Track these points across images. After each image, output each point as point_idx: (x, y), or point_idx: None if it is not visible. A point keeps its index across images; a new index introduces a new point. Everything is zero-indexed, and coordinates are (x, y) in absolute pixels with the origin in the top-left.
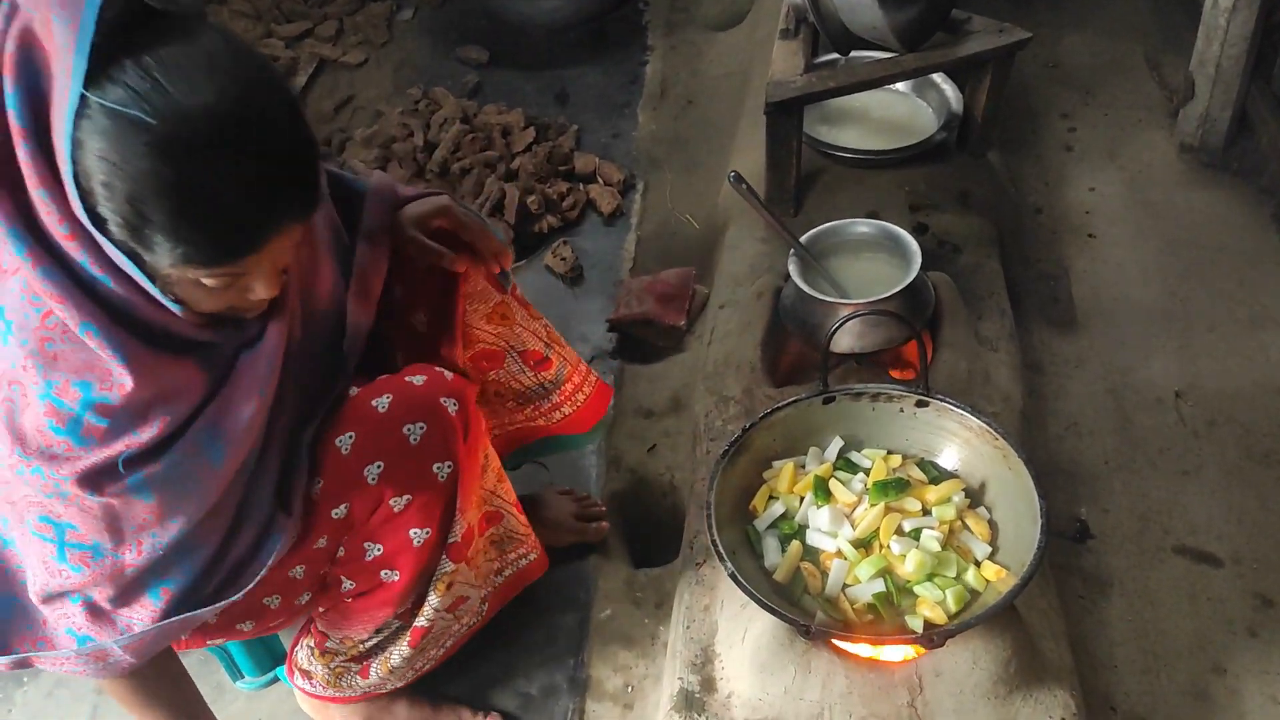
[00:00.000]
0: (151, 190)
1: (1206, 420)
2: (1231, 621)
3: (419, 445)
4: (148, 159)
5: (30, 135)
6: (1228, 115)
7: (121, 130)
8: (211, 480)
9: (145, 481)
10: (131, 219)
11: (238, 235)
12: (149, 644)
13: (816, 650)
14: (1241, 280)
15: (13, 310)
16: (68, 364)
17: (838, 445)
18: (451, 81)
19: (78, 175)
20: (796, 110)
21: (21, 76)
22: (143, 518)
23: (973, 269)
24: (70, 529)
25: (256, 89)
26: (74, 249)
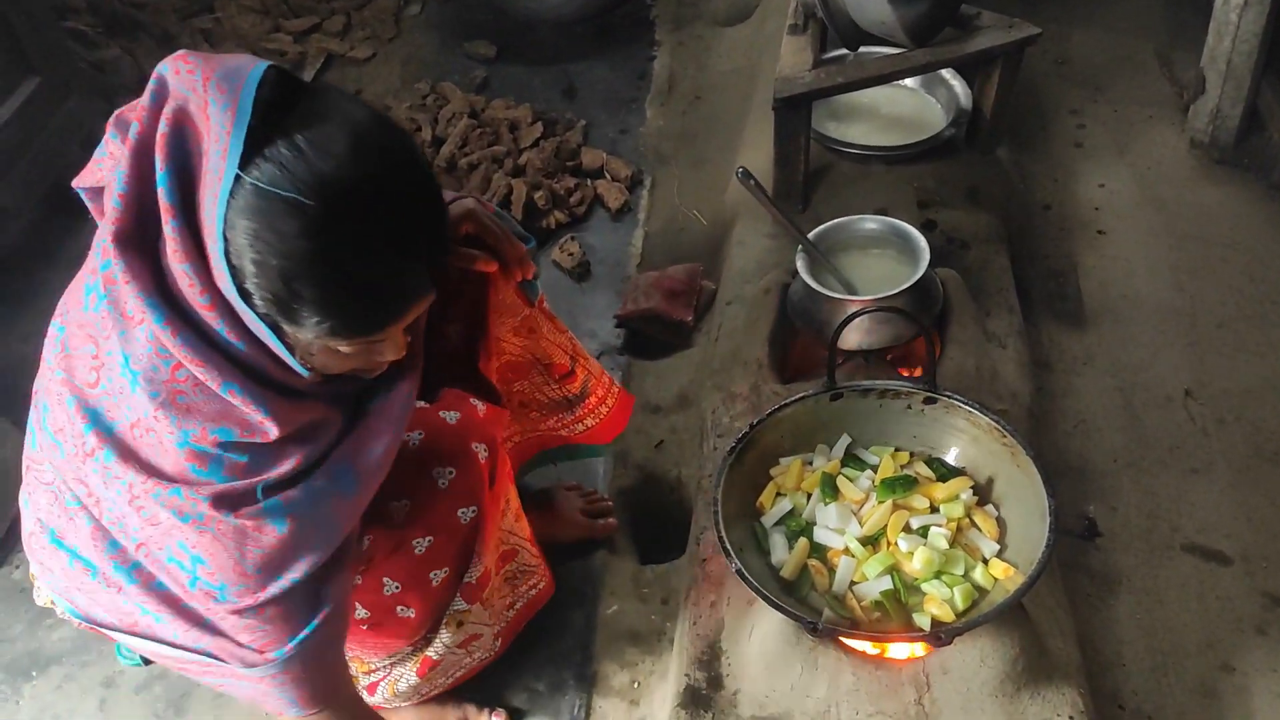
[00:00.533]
0: (305, 269)
1: (1216, 418)
2: (1240, 620)
3: (447, 490)
4: (303, 239)
5: (178, 212)
6: (1239, 111)
7: (276, 210)
8: (343, 512)
9: (281, 506)
10: (282, 295)
11: (384, 309)
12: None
13: (823, 647)
14: (1252, 277)
15: (138, 360)
16: (202, 414)
17: (845, 442)
18: (459, 76)
19: (228, 252)
20: (805, 106)
21: (173, 156)
22: (271, 549)
23: (981, 265)
24: (200, 564)
25: (401, 163)
26: (212, 318)
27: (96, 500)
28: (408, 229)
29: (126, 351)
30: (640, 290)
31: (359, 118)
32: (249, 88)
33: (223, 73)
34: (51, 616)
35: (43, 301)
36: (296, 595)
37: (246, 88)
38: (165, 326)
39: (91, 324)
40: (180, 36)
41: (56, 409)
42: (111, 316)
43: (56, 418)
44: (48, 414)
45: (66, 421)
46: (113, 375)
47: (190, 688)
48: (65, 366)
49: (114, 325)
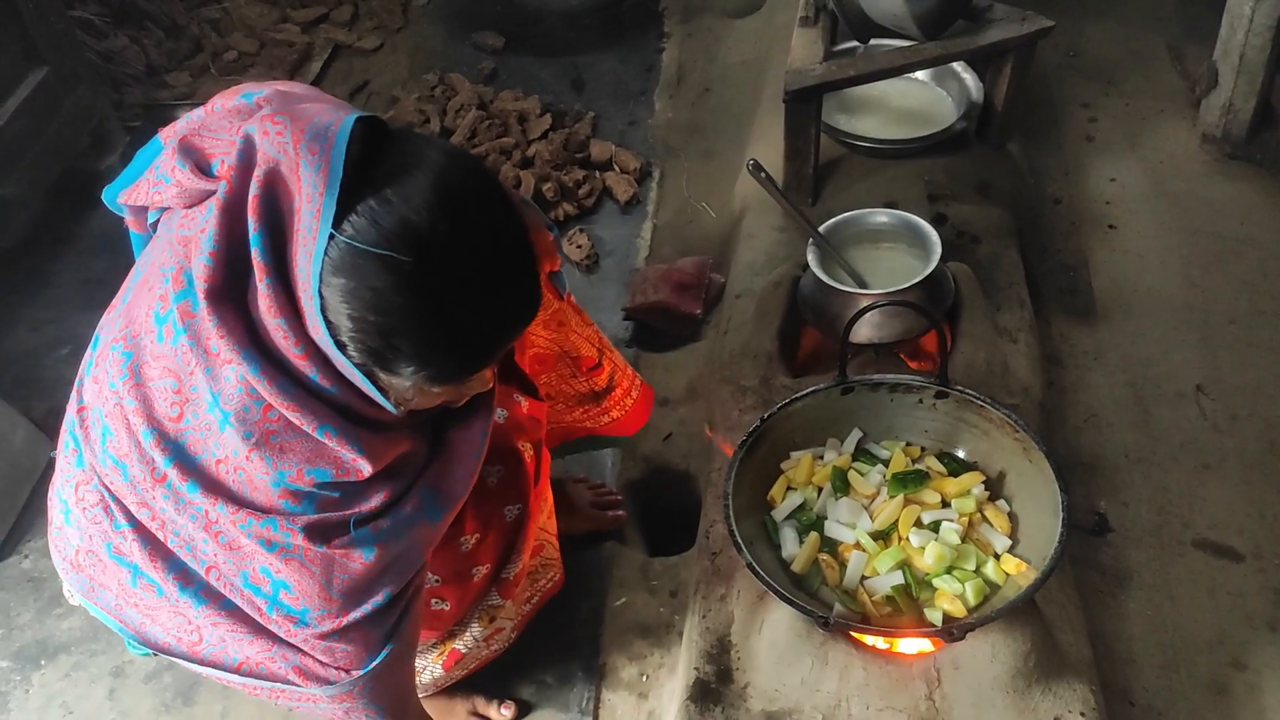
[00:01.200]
0: (402, 324)
1: (1228, 414)
2: (1252, 616)
3: (495, 487)
4: (398, 295)
5: (273, 271)
6: (1251, 105)
7: (370, 268)
8: (426, 538)
9: (371, 535)
10: (380, 349)
11: (479, 354)
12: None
13: (834, 642)
14: (1265, 272)
15: (229, 400)
16: (297, 454)
17: (856, 436)
18: (467, 67)
19: (324, 309)
20: (816, 99)
21: (265, 217)
22: (358, 576)
23: (992, 259)
24: (284, 589)
25: (485, 207)
26: (306, 366)
27: (163, 524)
28: (498, 272)
29: (215, 390)
30: (649, 283)
31: (444, 165)
32: (339, 148)
33: (312, 133)
34: (61, 605)
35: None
36: (378, 618)
37: (337, 148)
38: (261, 376)
39: (169, 357)
40: (188, 26)
41: (122, 434)
42: (195, 353)
43: (120, 443)
44: (110, 437)
45: (134, 448)
46: (199, 411)
47: (199, 678)
48: (140, 397)
49: (199, 362)
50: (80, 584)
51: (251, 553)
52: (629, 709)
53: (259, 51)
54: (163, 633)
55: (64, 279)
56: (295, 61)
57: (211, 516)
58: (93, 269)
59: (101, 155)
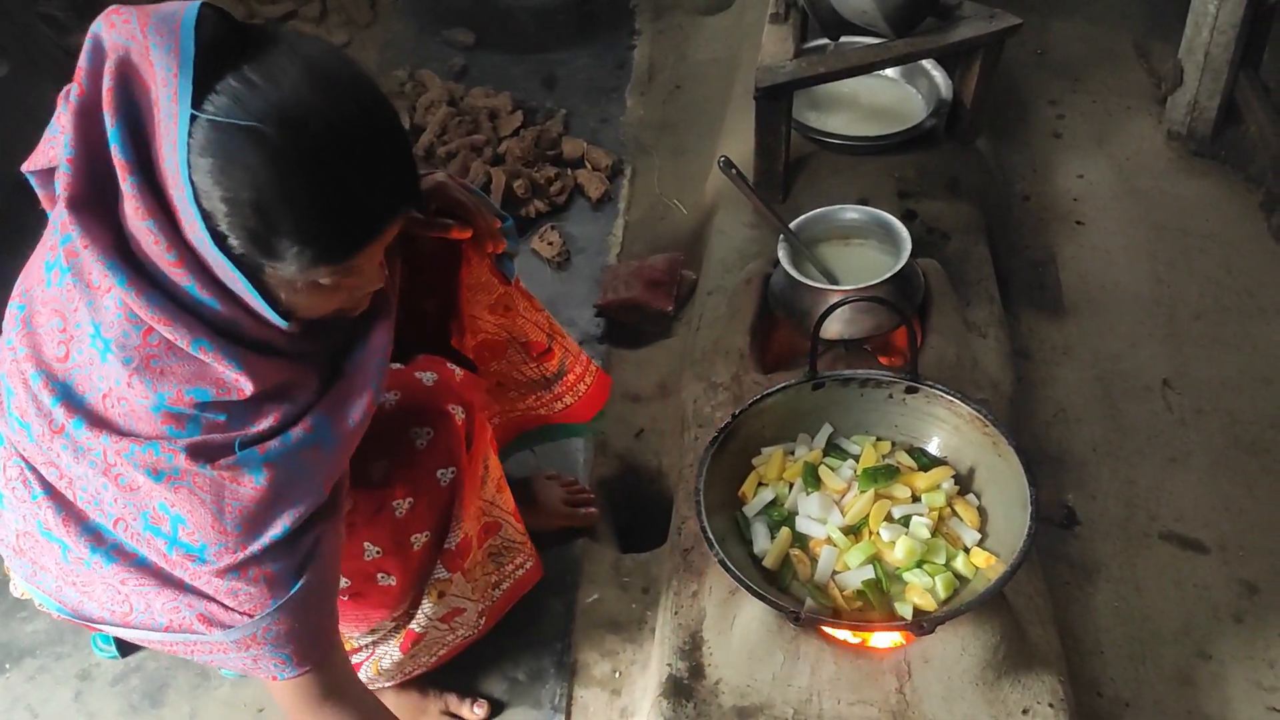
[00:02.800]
0: (276, 197)
1: (1194, 408)
2: (1217, 607)
3: (425, 450)
4: (269, 167)
5: (136, 168)
6: (1216, 103)
7: (237, 143)
8: (321, 466)
9: (258, 457)
10: (258, 229)
11: (361, 226)
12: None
13: (805, 637)
14: (1229, 268)
15: (109, 328)
16: (177, 375)
17: (827, 432)
18: (437, 64)
19: (197, 197)
20: (786, 96)
21: (122, 110)
22: (249, 502)
23: (961, 256)
24: (181, 524)
25: (349, 80)
26: (181, 275)
27: (70, 482)
28: (370, 143)
29: (96, 321)
30: (620, 280)
31: (305, 48)
32: (187, 26)
33: (159, 17)
34: (25, 609)
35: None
36: (279, 553)
37: (185, 27)
38: (129, 288)
39: (56, 299)
40: None
41: (20, 389)
42: (78, 289)
43: (20, 399)
44: (11, 397)
45: (31, 401)
46: (83, 347)
47: (167, 680)
48: (30, 343)
49: (81, 297)
50: (24, 569)
51: (147, 490)
52: (601, 706)
53: None
54: (98, 608)
55: None
56: None
57: (108, 459)
58: None
59: None
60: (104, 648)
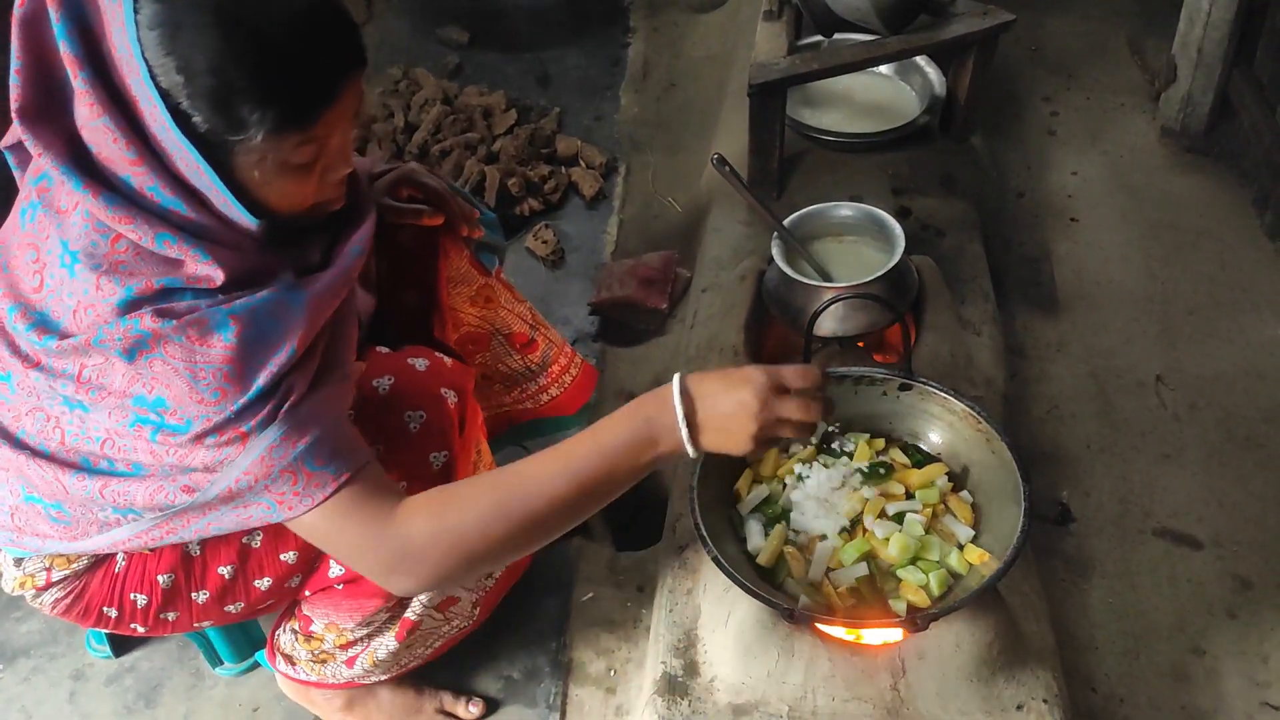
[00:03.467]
0: (230, 58)
1: (1187, 404)
2: (1211, 603)
3: (418, 433)
4: (218, 30)
5: (85, 62)
6: (1209, 99)
7: (183, 11)
8: (290, 322)
9: (224, 311)
10: (218, 95)
11: (317, 87)
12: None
13: (800, 634)
14: (1223, 264)
15: (77, 241)
16: (147, 273)
17: (821, 429)
18: (431, 62)
19: (153, 76)
20: (780, 93)
21: (66, 5)
22: (221, 362)
23: (955, 252)
24: (161, 406)
25: None
26: (142, 175)
27: (55, 423)
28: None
29: (64, 238)
30: (615, 278)
31: None
32: None
33: None
34: (19, 608)
35: None
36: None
37: None
38: (85, 190)
39: (30, 234)
40: None
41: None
42: (48, 217)
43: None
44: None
45: (6, 344)
46: (54, 270)
47: (161, 680)
48: (7, 284)
49: (50, 222)
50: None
51: (123, 386)
52: (596, 704)
53: None
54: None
55: None
56: None
57: (82, 376)
58: None
59: None
60: (98, 647)
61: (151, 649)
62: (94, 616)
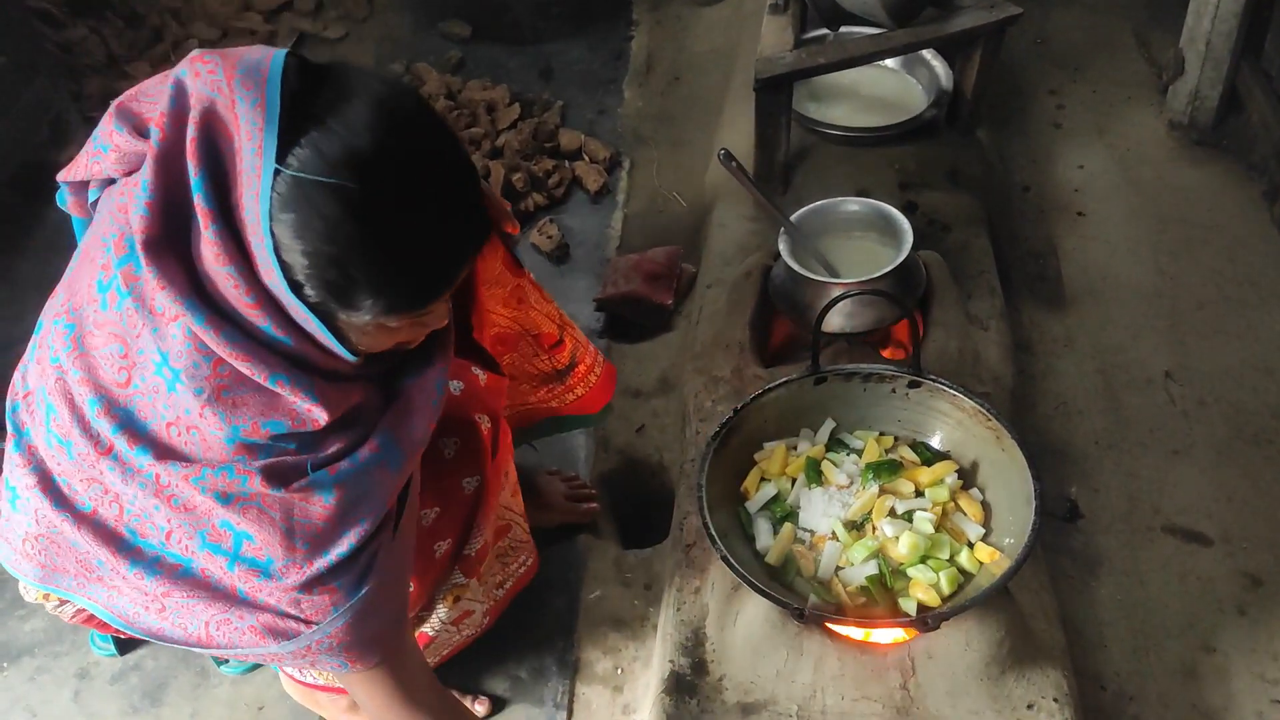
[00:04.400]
0: (356, 251)
1: (1196, 400)
2: (1221, 600)
3: (452, 460)
4: (349, 222)
5: (218, 216)
6: (1218, 92)
7: (319, 198)
8: (387, 484)
9: (329, 477)
10: (337, 282)
11: (436, 277)
12: (356, 628)
13: (809, 633)
14: (1231, 258)
15: (178, 359)
16: (250, 408)
17: (829, 426)
18: (434, 57)
19: (277, 249)
20: (786, 87)
21: (205, 160)
22: (318, 520)
23: (962, 247)
24: (247, 540)
25: (427, 130)
26: (258, 317)
27: (115, 497)
28: (447, 192)
29: (163, 349)
30: (620, 273)
31: (381, 92)
32: (274, 80)
33: (244, 69)
34: (23, 607)
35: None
36: (343, 569)
37: (271, 81)
38: (207, 326)
39: (114, 323)
40: (149, 16)
41: (63, 409)
42: (140, 314)
43: (63, 419)
44: (54, 415)
45: (77, 423)
46: (146, 375)
47: (167, 679)
48: (85, 366)
49: (144, 323)
50: (34, 573)
51: (208, 510)
52: (604, 703)
53: (221, 40)
54: (129, 604)
55: (22, 275)
56: None
57: (164, 481)
58: (52, 264)
59: (60, 147)
60: (102, 646)
61: (156, 648)
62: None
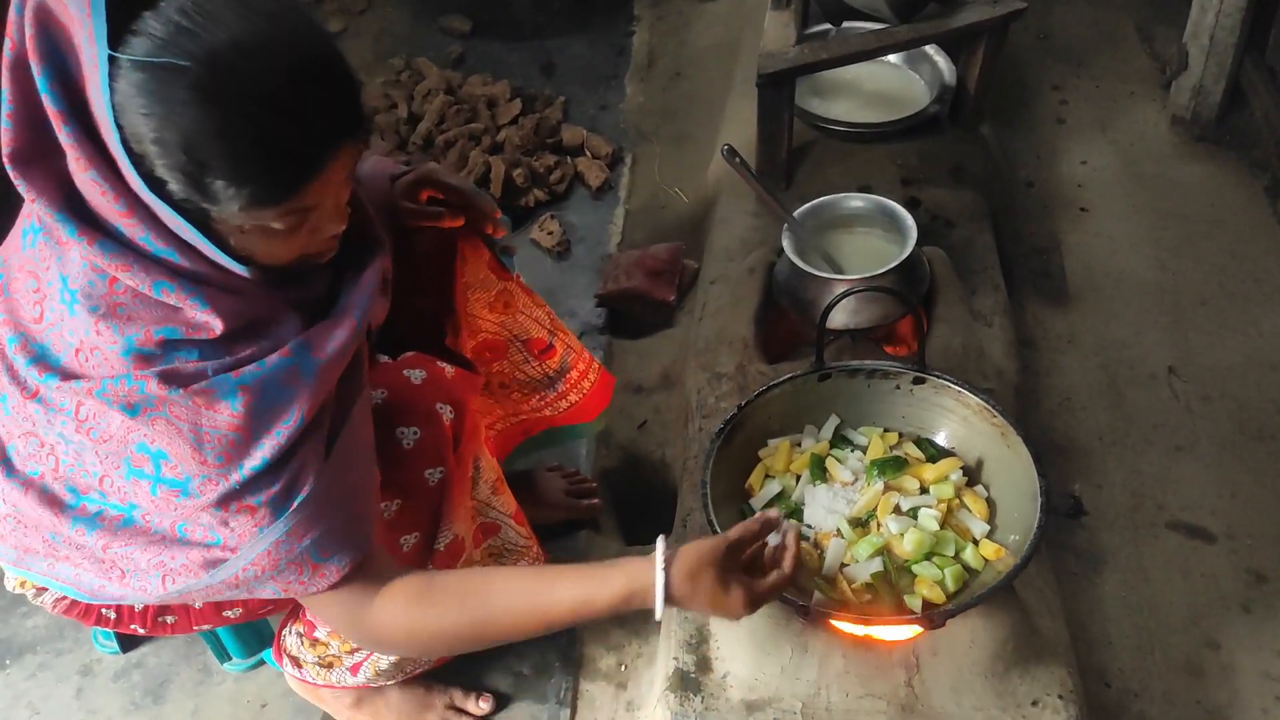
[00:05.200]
0: (204, 134)
1: (1200, 395)
2: (1225, 597)
3: (412, 450)
4: (193, 104)
5: (69, 116)
6: (1221, 87)
7: (159, 81)
8: (302, 394)
9: (232, 380)
10: (191, 170)
11: (297, 163)
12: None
13: (813, 630)
14: (1234, 254)
15: (75, 280)
16: (145, 318)
17: (834, 423)
18: (434, 52)
19: (126, 141)
20: (789, 82)
21: (46, 57)
22: (227, 430)
23: (965, 243)
24: (163, 459)
25: (281, 14)
26: (133, 226)
27: (50, 449)
28: (303, 76)
29: (64, 274)
30: (622, 269)
31: None
32: None
33: None
34: (24, 604)
35: None
36: (258, 485)
37: None
38: (80, 237)
39: (31, 259)
40: None
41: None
42: (49, 246)
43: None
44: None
45: (6, 370)
46: (54, 304)
47: (169, 675)
48: (8, 308)
49: (52, 254)
50: (9, 555)
51: (123, 434)
52: (607, 699)
53: None
54: (90, 576)
55: None
56: None
57: (80, 413)
58: None
59: None
60: (105, 643)
61: (159, 645)
62: (94, 616)
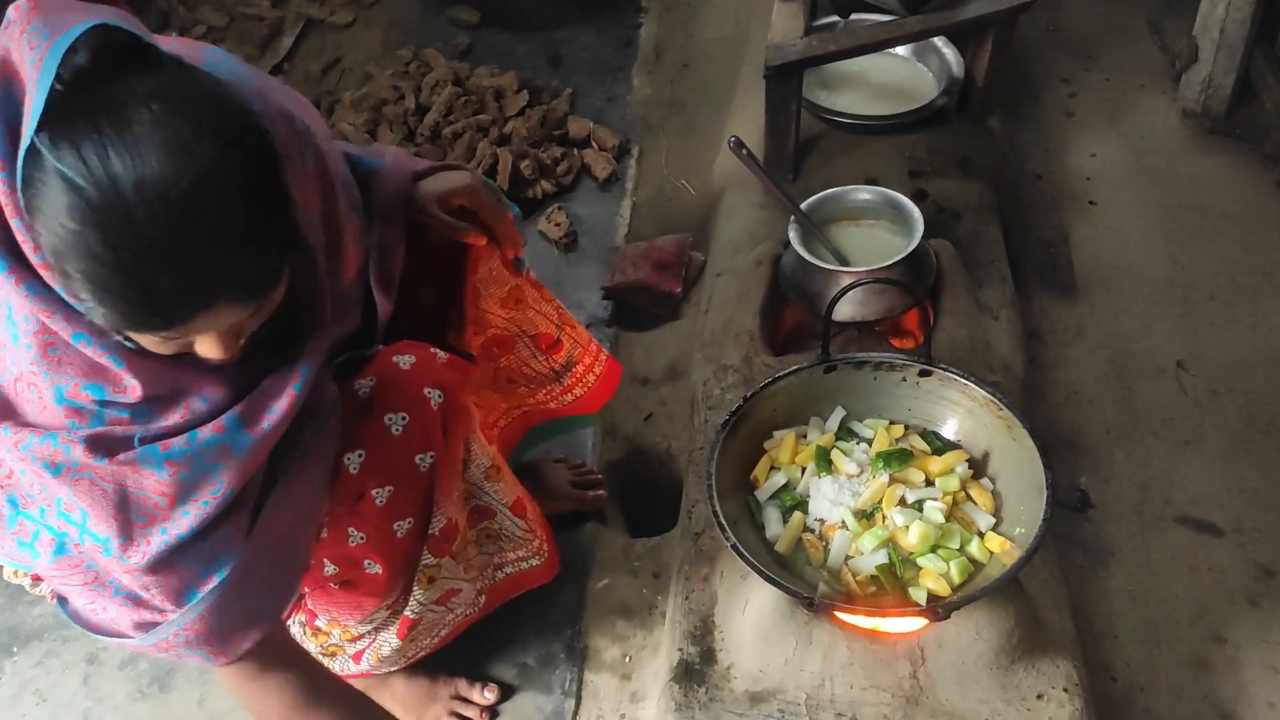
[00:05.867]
0: (72, 250)
1: (1208, 389)
2: (1232, 591)
3: (400, 436)
4: (73, 221)
5: (7, 165)
6: (1231, 80)
7: (56, 186)
8: (232, 469)
9: (159, 453)
10: (58, 269)
11: (157, 311)
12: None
13: (818, 622)
14: (1244, 248)
15: (18, 312)
16: (74, 367)
17: (839, 415)
18: (442, 43)
19: (29, 209)
20: (797, 74)
21: (3, 107)
22: (154, 494)
23: (972, 236)
24: (88, 516)
25: (220, 159)
26: (51, 278)
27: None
28: (197, 238)
29: (11, 304)
30: (628, 261)
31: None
32: (57, 48)
33: (39, 27)
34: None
35: None
36: (185, 553)
37: (55, 49)
38: (9, 275)
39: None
40: (152, 1)
41: None
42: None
43: None
44: None
45: None
46: (1, 328)
47: (175, 664)
48: None
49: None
50: None
51: (50, 484)
52: (612, 690)
53: (228, 26)
54: None
55: None
56: (265, 36)
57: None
58: None
59: None
60: None
61: None
62: None
